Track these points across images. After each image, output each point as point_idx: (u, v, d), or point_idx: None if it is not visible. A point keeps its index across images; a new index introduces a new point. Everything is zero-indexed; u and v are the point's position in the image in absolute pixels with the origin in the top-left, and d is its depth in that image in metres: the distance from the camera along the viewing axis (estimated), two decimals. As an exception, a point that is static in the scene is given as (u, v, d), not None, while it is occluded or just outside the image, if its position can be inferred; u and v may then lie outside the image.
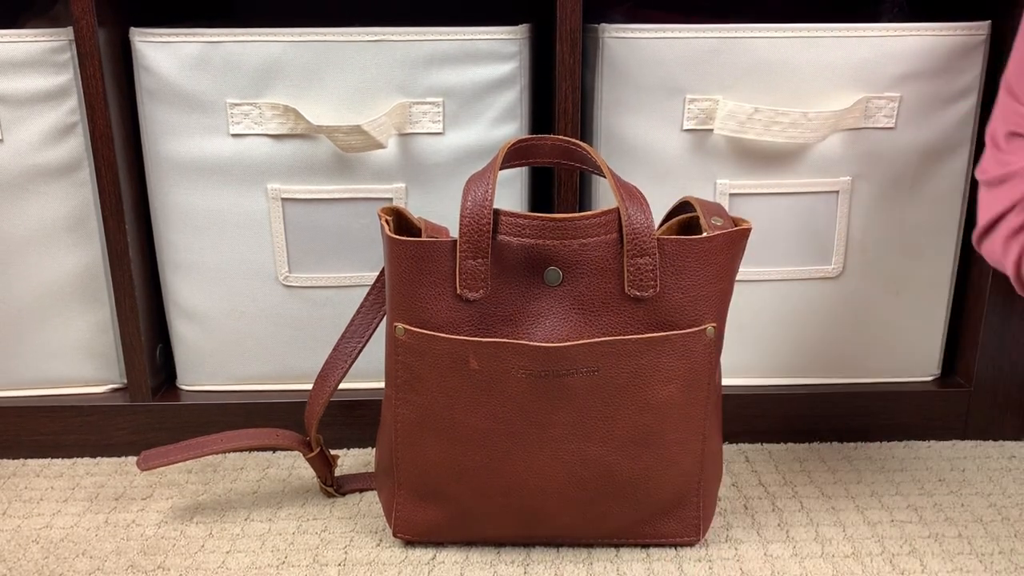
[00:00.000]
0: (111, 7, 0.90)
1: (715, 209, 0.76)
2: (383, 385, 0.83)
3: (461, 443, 0.75)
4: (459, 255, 0.72)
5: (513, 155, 0.79)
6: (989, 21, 0.90)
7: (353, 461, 0.98)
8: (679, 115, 0.91)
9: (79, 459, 0.99)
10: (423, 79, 0.90)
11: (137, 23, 0.92)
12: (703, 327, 0.74)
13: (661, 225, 0.81)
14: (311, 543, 0.83)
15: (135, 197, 0.96)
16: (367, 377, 1.00)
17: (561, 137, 0.79)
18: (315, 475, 0.92)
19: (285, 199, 0.93)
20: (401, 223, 0.78)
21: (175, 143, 0.92)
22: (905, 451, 0.99)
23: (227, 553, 0.81)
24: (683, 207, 0.80)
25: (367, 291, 0.87)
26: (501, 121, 0.92)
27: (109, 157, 0.90)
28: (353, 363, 0.85)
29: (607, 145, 0.93)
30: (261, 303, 0.97)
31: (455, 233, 0.74)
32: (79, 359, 0.99)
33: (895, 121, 0.91)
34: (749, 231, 0.75)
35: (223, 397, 0.99)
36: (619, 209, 0.72)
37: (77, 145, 0.92)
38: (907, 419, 1.00)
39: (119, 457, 0.99)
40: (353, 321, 0.86)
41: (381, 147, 0.89)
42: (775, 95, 0.90)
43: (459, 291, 0.72)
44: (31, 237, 0.94)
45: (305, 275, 0.96)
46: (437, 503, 0.79)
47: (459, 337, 0.73)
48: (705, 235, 0.73)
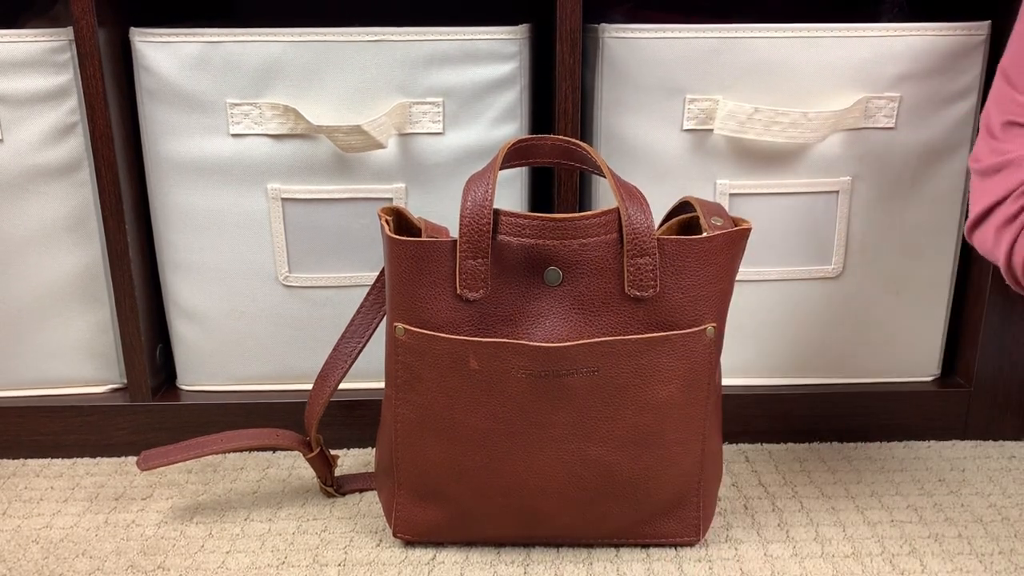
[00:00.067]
0: (111, 7, 0.90)
1: (715, 209, 0.76)
2: (383, 385, 0.83)
3: (461, 443, 0.75)
4: (459, 255, 0.72)
5: (513, 155, 0.79)
6: (989, 21, 0.90)
7: (353, 461, 0.98)
8: (679, 115, 0.91)
9: (79, 459, 0.99)
10: (423, 79, 0.90)
11: (137, 23, 0.92)
12: (703, 327, 0.74)
13: (661, 225, 0.81)
14: (311, 543, 0.83)
15: (135, 197, 0.96)
16: (367, 377, 1.00)
17: (561, 137, 0.79)
18: (315, 475, 0.92)
19: (285, 199, 0.93)
20: (401, 223, 0.78)
21: (175, 143, 0.92)
22: (905, 451, 0.99)
23: (227, 553, 0.81)
24: (683, 207, 0.80)
25: (367, 291, 0.87)
26: (501, 121, 0.92)
27: (109, 157, 0.90)
28: (353, 363, 0.85)
29: (607, 145, 0.93)
30: (261, 303, 0.97)
31: (455, 233, 0.74)
32: (79, 359, 0.99)
33: (895, 121, 0.91)
34: (749, 231, 0.75)
35: (223, 397, 0.99)
36: (619, 209, 0.72)
37: (77, 145, 0.92)
38: (907, 419, 1.00)
39: (119, 457, 0.99)
40: (353, 321, 0.86)
41: (381, 147, 0.89)
42: (775, 95, 0.90)
43: (459, 291, 0.72)
44: (31, 237, 0.94)
45: (305, 275, 0.96)
46: (437, 503, 0.79)
47: (459, 337, 0.73)
48: (705, 235, 0.73)
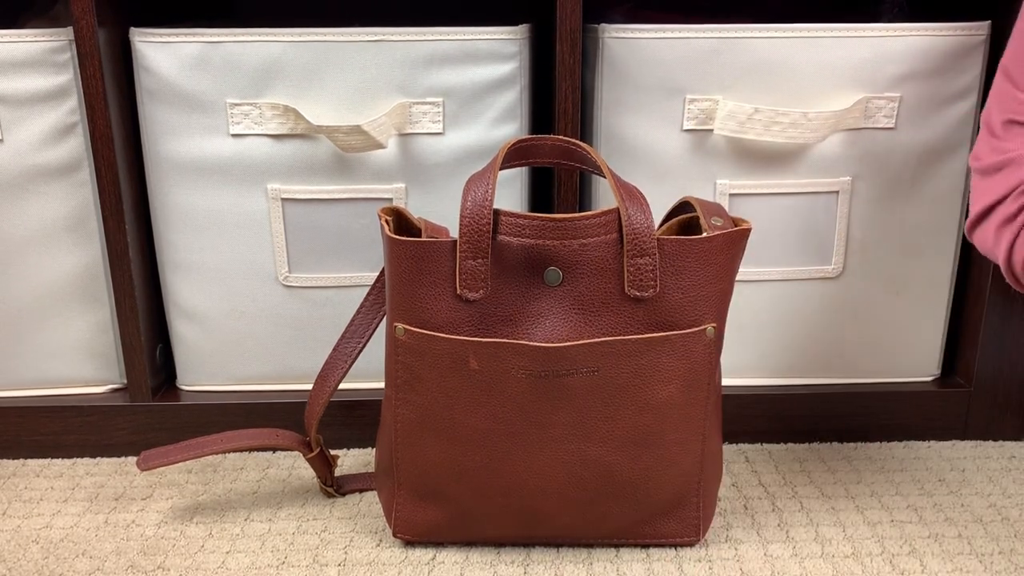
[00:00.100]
0: (111, 7, 0.90)
1: (715, 209, 0.76)
2: (383, 385, 0.83)
3: (461, 443, 0.75)
4: (459, 255, 0.72)
5: (513, 155, 0.79)
6: (989, 21, 0.90)
7: (353, 461, 0.98)
8: (679, 115, 0.91)
9: (79, 459, 0.99)
10: (423, 79, 0.90)
11: (137, 23, 0.92)
12: (703, 327, 0.74)
13: (661, 225, 0.81)
14: (311, 543, 0.83)
15: (135, 197, 0.96)
16: (367, 377, 1.00)
17: (561, 137, 0.79)
18: (315, 475, 0.92)
19: (285, 199, 0.93)
20: (401, 223, 0.78)
21: (175, 143, 0.92)
22: (905, 451, 0.99)
23: (227, 553, 0.81)
24: (683, 207, 0.80)
25: (367, 291, 0.87)
26: (501, 121, 0.92)
27: (109, 157, 0.90)
28: (353, 363, 0.85)
29: (607, 145, 0.93)
30: (261, 303, 0.97)
31: (455, 233, 0.74)
32: (79, 359, 0.99)
33: (895, 121, 0.91)
34: (749, 231, 0.75)
35: (223, 397, 0.99)
36: (619, 209, 0.72)
37: (77, 145, 0.92)
38: (907, 419, 1.00)
39: (119, 457, 0.99)
40: (353, 321, 0.86)
41: (381, 147, 0.89)
42: (775, 95, 0.90)
43: (459, 291, 0.72)
44: (31, 237, 0.94)
45: (305, 275, 0.96)
46: (437, 503, 0.79)
47: (459, 337, 0.73)
48: (705, 235, 0.72)
